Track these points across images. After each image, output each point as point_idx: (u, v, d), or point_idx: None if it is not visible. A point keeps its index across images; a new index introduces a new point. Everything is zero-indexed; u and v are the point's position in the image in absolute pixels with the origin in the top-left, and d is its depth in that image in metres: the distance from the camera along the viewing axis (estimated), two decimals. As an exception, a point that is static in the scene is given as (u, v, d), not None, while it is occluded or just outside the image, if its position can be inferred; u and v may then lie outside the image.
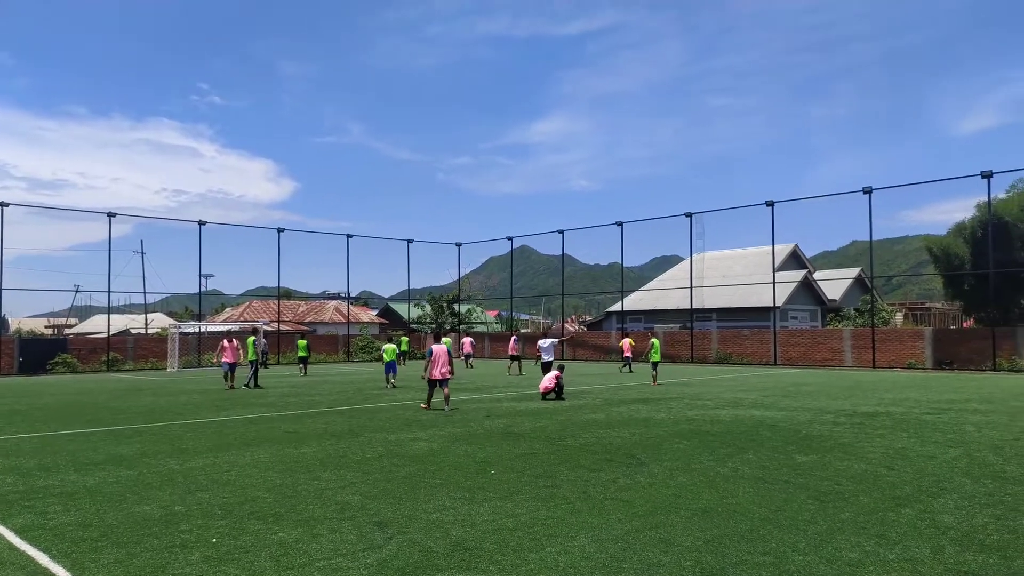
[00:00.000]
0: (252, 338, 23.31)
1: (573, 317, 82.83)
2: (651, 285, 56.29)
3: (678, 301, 45.11)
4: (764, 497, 7.05)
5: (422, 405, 15.73)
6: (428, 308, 56.82)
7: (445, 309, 56.47)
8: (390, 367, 22.48)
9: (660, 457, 9.37)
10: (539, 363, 21.69)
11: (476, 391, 20.69)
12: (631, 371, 29.25)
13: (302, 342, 31.71)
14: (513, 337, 30.51)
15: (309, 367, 32.60)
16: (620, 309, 49.48)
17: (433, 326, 55.65)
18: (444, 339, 16.58)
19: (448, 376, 15.15)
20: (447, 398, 15.26)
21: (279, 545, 5.60)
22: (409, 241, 50.84)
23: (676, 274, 52.08)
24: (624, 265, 47.47)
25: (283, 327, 48.77)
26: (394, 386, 21.74)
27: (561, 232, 47.41)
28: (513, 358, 29.09)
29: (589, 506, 6.74)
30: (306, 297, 74.17)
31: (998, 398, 17.54)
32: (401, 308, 63.64)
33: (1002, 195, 37.40)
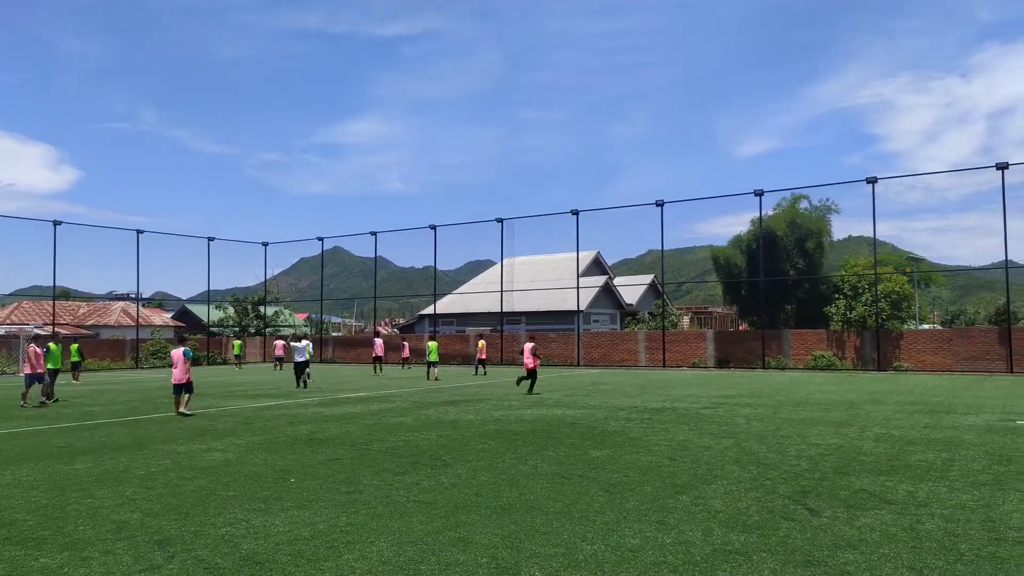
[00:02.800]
0: (52, 344, 20.40)
1: (386, 320, 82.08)
2: (463, 288, 57.11)
3: (489, 304, 46.15)
4: (560, 492, 7.38)
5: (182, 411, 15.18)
6: (231, 310, 53.69)
7: (250, 311, 53.66)
8: None
9: (465, 458, 9.50)
10: (295, 365, 23.87)
11: (281, 397, 19.84)
12: (484, 373, 29.98)
13: (74, 346, 28.97)
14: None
15: (84, 375, 29.96)
16: (433, 312, 49.70)
17: (236, 329, 52.72)
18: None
19: (183, 381, 15.13)
20: (185, 403, 15.21)
21: (40, 572, 5.01)
22: (210, 239, 47.85)
23: (488, 278, 53.26)
24: (438, 268, 47.79)
25: (59, 331, 43.88)
26: None
27: (374, 234, 46.85)
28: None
29: (391, 510, 6.68)
30: (89, 298, 67.38)
31: (765, 393, 19.65)
32: (200, 310, 59.65)
33: (772, 212, 42.05)
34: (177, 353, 15.39)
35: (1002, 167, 29.52)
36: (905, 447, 10.08)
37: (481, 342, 31.09)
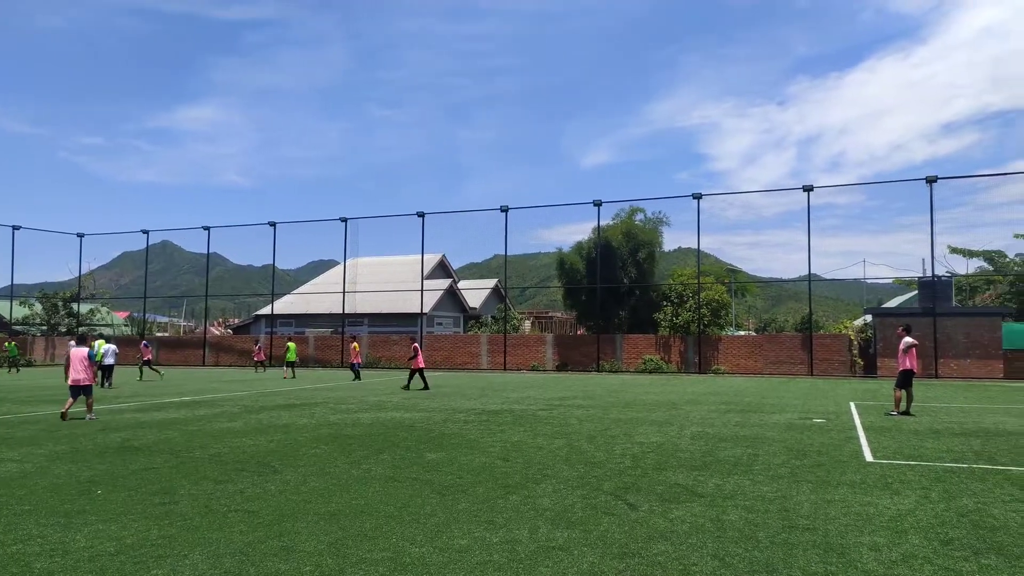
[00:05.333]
0: None
1: (219, 320, 77.75)
2: (304, 289, 55.30)
3: (331, 305, 44.97)
4: (392, 495, 7.31)
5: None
6: (38, 307, 48.70)
7: (60, 309, 48.93)
8: None
9: (296, 463, 9.19)
10: (102, 367, 22.90)
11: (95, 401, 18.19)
12: (359, 379, 28.00)
13: None
14: (144, 343, 30.49)
15: None
16: (271, 312, 47.69)
17: (44, 328, 47.95)
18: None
19: (84, 383, 14.12)
20: (89, 407, 14.27)
21: None
22: (15, 228, 43.22)
23: (330, 278, 51.89)
24: (279, 267, 45.97)
25: None
26: None
27: (207, 229, 44.30)
28: (146, 362, 29.31)
29: (209, 521, 6.33)
30: None
31: (598, 395, 20.53)
32: (3, 307, 53.67)
33: (610, 221, 43.99)
34: (81, 353, 14.21)
35: (808, 189, 32.70)
36: (717, 444, 10.89)
37: (354, 344, 29.59)
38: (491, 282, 60.90)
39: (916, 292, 38.61)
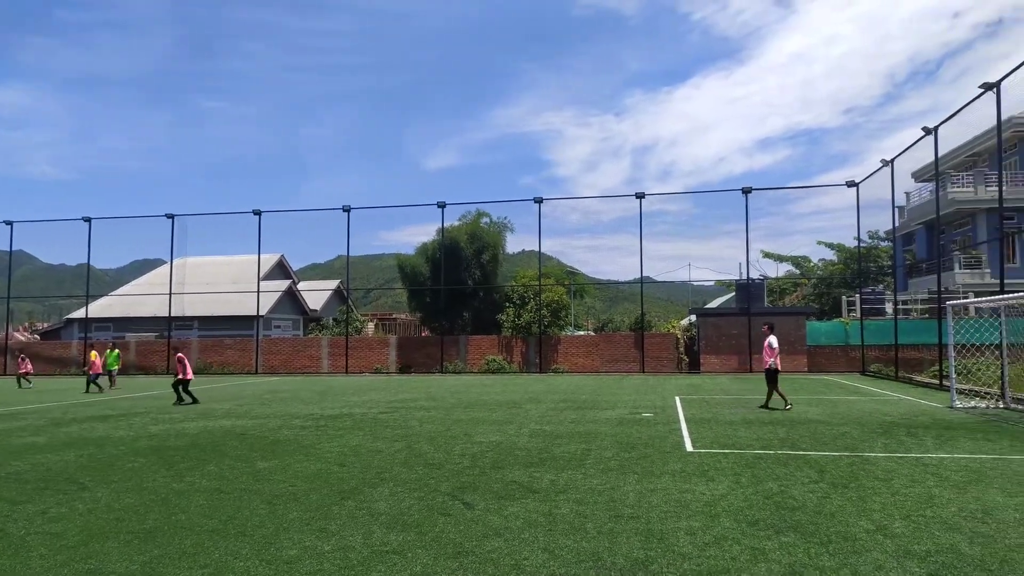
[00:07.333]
0: None
1: (25, 325, 70.32)
2: (125, 289, 51.23)
3: (156, 308, 42.00)
4: (217, 508, 6.93)
5: None
6: None
7: None
8: None
9: (109, 479, 8.47)
10: None
11: None
12: (99, 389, 24.72)
13: None
14: (21, 356, 29.53)
15: None
16: (85, 316, 43.76)
17: None
18: None
19: None
20: None
21: None
22: None
23: (155, 279, 48.39)
24: (96, 266, 42.25)
25: None
26: None
27: (10, 223, 39.98)
28: (24, 374, 27.84)
29: (3, 545, 5.70)
30: None
31: (440, 396, 20.55)
32: None
33: (456, 223, 44.24)
34: None
35: (640, 196, 34.55)
36: (553, 441, 11.24)
37: (93, 352, 25.87)
38: (333, 283, 59.30)
39: (734, 293, 41.84)
